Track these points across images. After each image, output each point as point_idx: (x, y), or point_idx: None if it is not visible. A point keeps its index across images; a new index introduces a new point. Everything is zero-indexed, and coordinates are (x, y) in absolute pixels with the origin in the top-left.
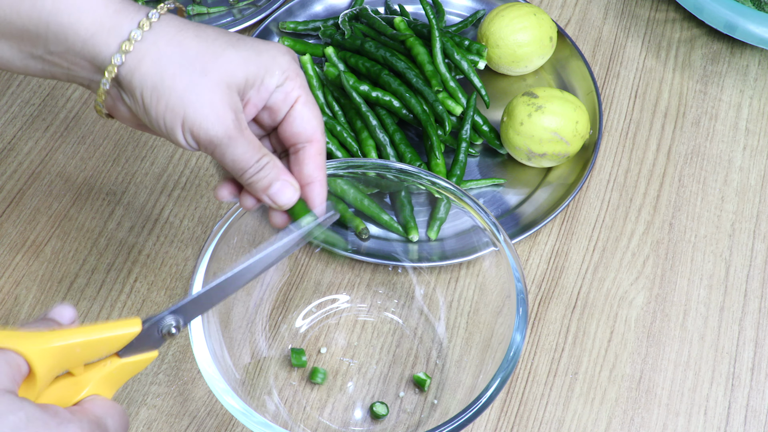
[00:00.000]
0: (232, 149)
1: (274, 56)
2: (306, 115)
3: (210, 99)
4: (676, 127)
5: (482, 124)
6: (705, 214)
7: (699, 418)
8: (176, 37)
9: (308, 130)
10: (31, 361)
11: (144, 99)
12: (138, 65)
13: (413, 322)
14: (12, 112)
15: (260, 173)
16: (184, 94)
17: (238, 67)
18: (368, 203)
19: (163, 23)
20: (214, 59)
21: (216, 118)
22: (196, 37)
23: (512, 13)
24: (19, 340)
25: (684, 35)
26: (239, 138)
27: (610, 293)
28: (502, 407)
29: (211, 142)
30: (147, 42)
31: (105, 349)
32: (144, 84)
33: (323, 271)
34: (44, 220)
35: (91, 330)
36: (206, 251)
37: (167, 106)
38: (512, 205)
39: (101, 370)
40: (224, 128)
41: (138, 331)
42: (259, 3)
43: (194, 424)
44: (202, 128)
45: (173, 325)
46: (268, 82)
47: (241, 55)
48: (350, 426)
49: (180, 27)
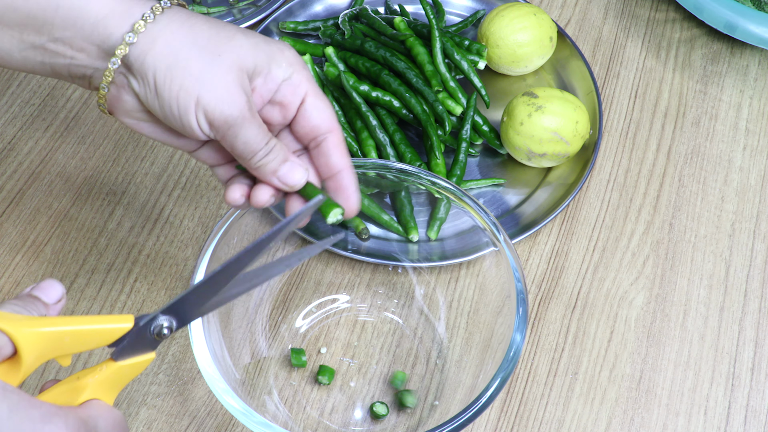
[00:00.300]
0: (245, 130)
1: (281, 48)
2: (320, 106)
3: (224, 79)
4: (676, 127)
5: (482, 124)
6: (705, 214)
7: (699, 418)
8: (188, 21)
9: (326, 121)
10: (17, 343)
11: (157, 80)
12: (152, 46)
13: (413, 322)
14: (12, 112)
15: (270, 155)
16: (200, 74)
17: (248, 52)
18: (368, 203)
19: (174, 10)
20: (227, 41)
21: (231, 99)
22: (207, 21)
23: (512, 13)
24: (6, 321)
25: (684, 35)
26: (252, 119)
27: (610, 293)
28: (502, 407)
29: (226, 121)
30: (160, 24)
31: (95, 342)
32: (157, 65)
33: (323, 271)
34: (44, 220)
35: (83, 320)
36: (206, 251)
37: (181, 87)
38: (512, 205)
39: (97, 373)
40: (239, 108)
41: (129, 327)
42: (259, 3)
43: (194, 424)
44: (218, 108)
45: (165, 326)
46: (275, 71)
47: (251, 41)
48: (350, 426)
49: (190, 14)
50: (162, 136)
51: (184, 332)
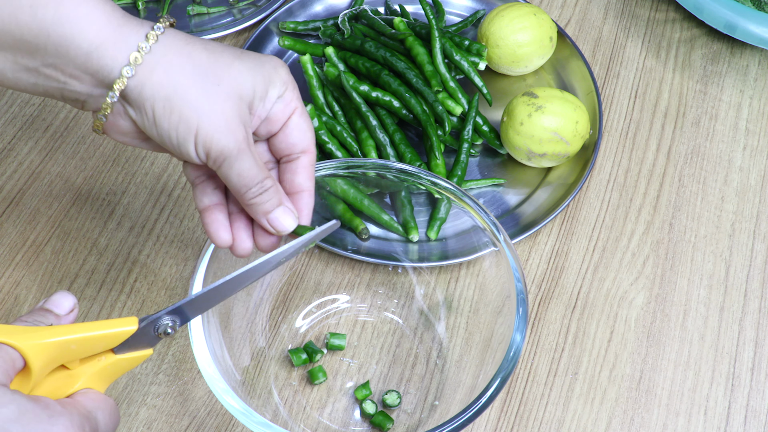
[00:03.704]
0: (240, 163)
1: (275, 67)
2: (303, 126)
3: (223, 109)
4: (676, 127)
5: (482, 124)
6: (705, 214)
7: (699, 418)
8: (185, 48)
9: (305, 141)
10: (26, 356)
11: (155, 111)
12: (149, 76)
13: (413, 322)
14: (12, 112)
15: (263, 195)
16: (199, 104)
17: (246, 79)
18: (368, 203)
19: (169, 36)
20: (225, 69)
21: (228, 130)
22: (204, 49)
23: (512, 13)
24: (15, 335)
25: (684, 35)
26: (248, 152)
27: (610, 293)
28: (502, 407)
29: (222, 153)
30: (156, 54)
31: (101, 346)
32: (156, 95)
33: (323, 271)
34: (44, 220)
35: (88, 327)
36: (206, 251)
37: (181, 117)
38: (512, 205)
39: (96, 364)
40: (235, 140)
41: (134, 330)
42: (259, 3)
43: (194, 424)
44: (215, 139)
45: (169, 325)
46: (271, 93)
47: (247, 66)
48: (350, 426)
49: (187, 39)
50: (157, 149)
51: (184, 332)
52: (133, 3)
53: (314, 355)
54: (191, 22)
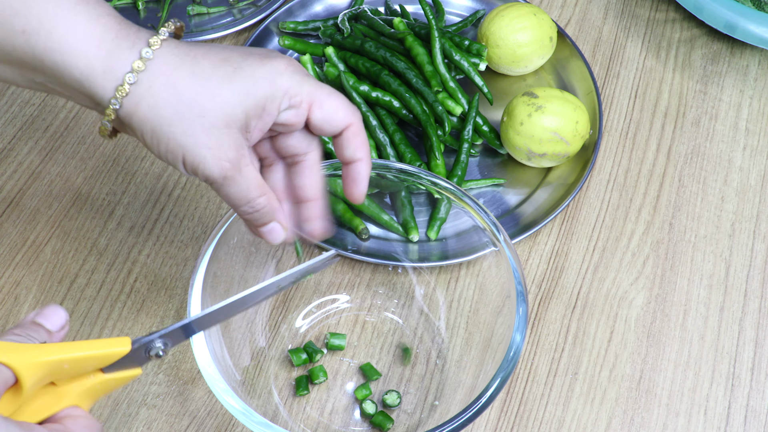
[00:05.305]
0: (226, 188)
1: (272, 79)
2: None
3: (206, 142)
4: (676, 127)
5: (482, 124)
6: (705, 214)
7: (699, 418)
8: (171, 79)
9: (345, 117)
10: (19, 374)
11: (145, 139)
12: (135, 109)
13: (413, 322)
14: (12, 112)
15: (255, 214)
16: (181, 138)
17: (236, 106)
18: (368, 203)
19: (158, 61)
20: (211, 99)
21: (213, 161)
22: (191, 75)
23: (512, 13)
24: (8, 353)
25: (684, 35)
26: (236, 178)
27: (610, 293)
28: (502, 407)
29: (208, 179)
30: (142, 86)
31: (92, 366)
32: (143, 128)
33: (323, 271)
34: (44, 220)
35: (81, 347)
36: (206, 251)
37: (167, 149)
38: (512, 205)
39: (84, 383)
40: (220, 170)
41: (126, 351)
42: (259, 3)
43: (194, 424)
44: (200, 168)
45: (161, 348)
46: (270, 108)
47: (238, 90)
48: (350, 426)
49: (176, 65)
50: None
51: None
52: (133, 3)
53: (314, 355)
54: (191, 22)
